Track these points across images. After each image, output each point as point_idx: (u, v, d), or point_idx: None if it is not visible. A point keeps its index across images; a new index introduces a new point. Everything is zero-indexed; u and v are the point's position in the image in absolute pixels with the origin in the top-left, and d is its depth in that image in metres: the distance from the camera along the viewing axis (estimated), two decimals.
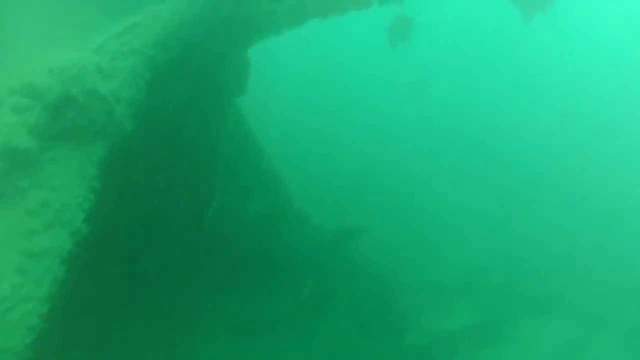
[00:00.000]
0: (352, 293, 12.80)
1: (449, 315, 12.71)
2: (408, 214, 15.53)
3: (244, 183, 13.49)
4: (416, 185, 16.70)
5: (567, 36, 25.23)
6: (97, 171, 6.49)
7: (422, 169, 17.10)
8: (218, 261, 11.60)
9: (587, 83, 22.09)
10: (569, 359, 11.30)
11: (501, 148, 18.66)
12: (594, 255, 15.50)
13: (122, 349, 8.14)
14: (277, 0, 8.35)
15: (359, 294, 12.85)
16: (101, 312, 7.49)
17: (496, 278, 14.33)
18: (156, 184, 8.33)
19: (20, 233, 5.32)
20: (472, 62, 21.37)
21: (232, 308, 11.03)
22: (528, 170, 18.37)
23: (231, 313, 10.95)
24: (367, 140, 17.28)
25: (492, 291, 13.87)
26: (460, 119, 19.69)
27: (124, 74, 7.11)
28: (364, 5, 7.34)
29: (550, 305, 13.45)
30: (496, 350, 11.34)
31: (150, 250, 8.75)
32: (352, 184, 16.01)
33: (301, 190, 13.77)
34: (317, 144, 16.28)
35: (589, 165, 19.41)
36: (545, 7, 12.82)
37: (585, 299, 13.43)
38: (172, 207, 9.23)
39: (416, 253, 14.73)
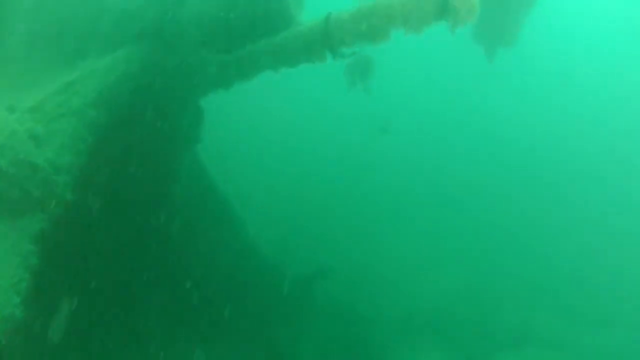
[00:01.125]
0: (321, 333, 12.65)
1: (420, 352, 12.57)
2: (377, 252, 15.20)
3: (204, 233, 12.96)
4: (385, 222, 16.44)
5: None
6: (34, 247, 5.87)
7: (391, 205, 16.85)
8: (184, 311, 11.09)
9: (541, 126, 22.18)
10: None
11: (468, 181, 18.52)
12: (568, 286, 15.58)
13: None
14: (226, 52, 7.89)
15: (328, 333, 12.69)
16: None
17: (468, 312, 14.25)
18: (104, 257, 7.74)
19: None
20: (434, 100, 21.30)
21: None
22: (496, 202, 18.21)
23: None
24: (329, 182, 16.99)
25: (464, 325, 13.78)
26: (424, 156, 19.54)
27: (62, 138, 6.55)
28: (317, 59, 6.91)
29: (523, 338, 13.43)
30: None
31: (98, 336, 8.14)
32: (317, 225, 15.65)
33: (266, 234, 13.31)
34: (277, 189, 15.95)
35: (555, 198, 19.09)
36: (508, 43, 12.66)
37: (560, 329, 13.33)
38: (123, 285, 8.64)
39: (386, 290, 14.45)
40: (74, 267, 7.45)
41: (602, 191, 20.88)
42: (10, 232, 5.96)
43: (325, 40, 6.71)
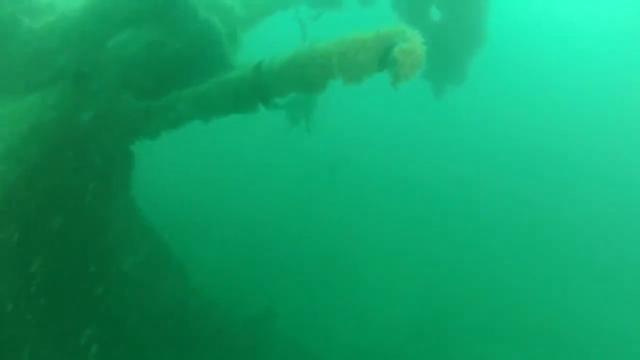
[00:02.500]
0: None
1: None
2: (329, 284, 14.59)
3: (142, 278, 12.06)
4: (336, 253, 15.87)
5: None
6: None
7: (337, 246, 16.26)
8: None
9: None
10: None
11: (414, 220, 18.16)
12: (527, 309, 15.59)
13: None
14: (152, 97, 7.13)
15: None
16: None
17: (425, 339, 14.04)
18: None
19: None
20: (383, 138, 20.88)
21: None
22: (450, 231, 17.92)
23: None
24: (275, 224, 16.35)
25: (420, 353, 13.56)
26: (373, 195, 19.08)
27: None
28: (248, 109, 6.20)
29: None
30: None
31: None
32: (263, 267, 14.97)
33: (205, 277, 12.54)
34: (215, 231, 15.20)
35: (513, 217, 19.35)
36: (456, 81, 12.28)
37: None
38: None
39: (338, 320, 14.13)
40: None
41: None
42: None
43: (256, 91, 5.97)
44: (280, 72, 5.91)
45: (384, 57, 5.21)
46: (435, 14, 12.08)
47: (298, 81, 5.81)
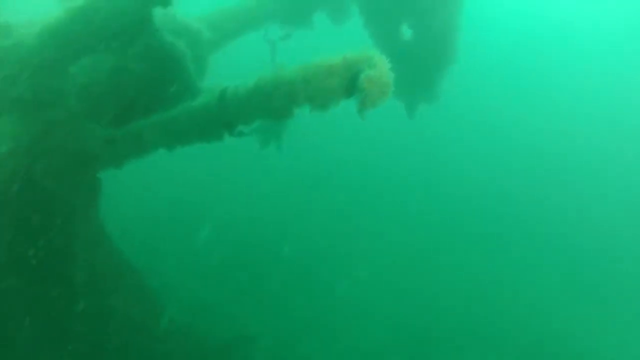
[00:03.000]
0: None
1: None
2: (307, 304, 14.39)
3: (115, 306, 11.72)
4: (314, 272, 15.66)
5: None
6: None
7: (311, 268, 16.04)
8: None
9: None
10: None
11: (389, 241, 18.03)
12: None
13: None
14: (115, 127, 6.88)
15: None
16: None
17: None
18: None
19: None
20: (356, 157, 20.74)
21: None
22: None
23: None
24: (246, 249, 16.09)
25: None
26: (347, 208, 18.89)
27: None
28: (213, 138, 5.98)
29: None
30: None
31: None
32: (242, 281, 14.74)
33: (180, 301, 12.26)
34: (189, 253, 14.91)
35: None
36: (429, 99, 12.20)
37: None
38: None
39: (315, 341, 13.84)
40: None
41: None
42: None
43: (221, 119, 5.76)
44: (245, 100, 5.70)
45: (350, 84, 5.02)
46: (406, 32, 12.00)
47: (263, 109, 5.63)
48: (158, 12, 7.84)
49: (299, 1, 12.04)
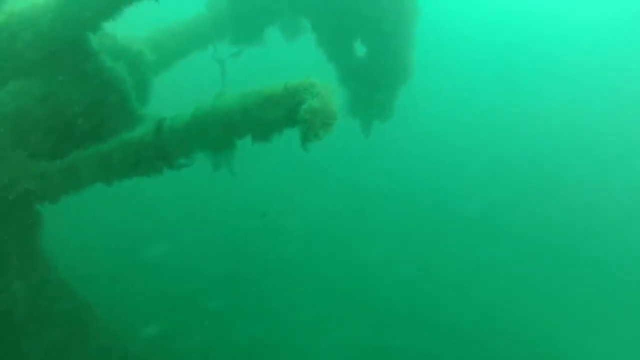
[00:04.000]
0: None
1: None
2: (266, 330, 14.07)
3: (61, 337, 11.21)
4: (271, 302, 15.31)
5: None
6: None
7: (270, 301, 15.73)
8: None
9: None
10: None
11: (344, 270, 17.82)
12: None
13: None
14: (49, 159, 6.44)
15: None
16: None
17: None
18: None
19: None
20: (311, 179, 20.41)
21: None
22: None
23: None
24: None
25: None
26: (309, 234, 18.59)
27: None
28: (151, 171, 5.59)
29: None
30: None
31: None
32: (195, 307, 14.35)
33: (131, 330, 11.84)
34: (141, 282, 14.45)
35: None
36: (383, 116, 11.98)
37: None
38: None
39: None
40: None
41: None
42: None
43: (158, 152, 5.37)
44: (182, 132, 5.33)
45: (293, 114, 4.69)
46: (360, 49, 11.77)
47: (202, 141, 5.25)
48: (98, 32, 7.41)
49: (249, 17, 11.69)
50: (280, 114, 4.88)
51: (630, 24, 32.80)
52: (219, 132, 5.18)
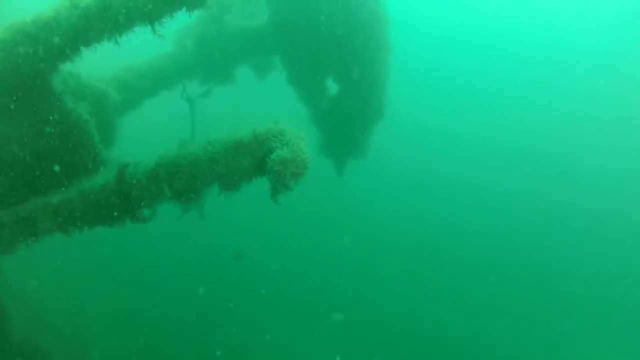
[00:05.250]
0: None
1: None
2: None
3: None
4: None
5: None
6: None
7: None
8: None
9: None
10: None
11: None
12: None
13: None
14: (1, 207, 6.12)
15: None
16: None
17: None
18: None
19: None
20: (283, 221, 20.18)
21: None
22: None
23: None
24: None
25: None
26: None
27: None
28: (113, 222, 5.31)
29: None
30: None
31: None
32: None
33: None
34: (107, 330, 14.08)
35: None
36: (357, 155, 11.84)
37: None
38: None
39: None
40: None
41: None
42: None
43: (120, 202, 5.10)
44: (146, 181, 5.08)
45: (261, 162, 4.50)
46: (332, 87, 11.68)
47: (166, 191, 5.00)
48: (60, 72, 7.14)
49: (218, 55, 11.54)
50: (249, 163, 4.68)
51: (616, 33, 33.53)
52: (184, 181, 4.95)
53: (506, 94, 33.78)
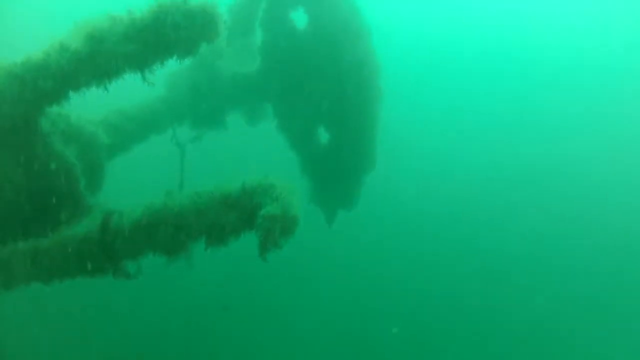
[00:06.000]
0: None
1: None
2: None
3: None
4: None
5: None
6: None
7: None
8: None
9: None
10: None
11: None
12: None
13: None
14: None
15: None
16: None
17: None
18: None
19: None
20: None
21: None
22: None
23: None
24: None
25: None
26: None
27: None
28: (95, 273, 5.14)
29: None
30: None
31: None
32: None
33: None
34: None
35: None
36: (348, 205, 11.76)
37: None
38: None
39: None
40: None
41: None
42: None
43: (103, 252, 4.95)
44: (131, 232, 4.94)
45: (250, 217, 4.39)
46: (323, 136, 11.66)
47: (151, 243, 4.87)
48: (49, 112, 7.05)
49: (209, 100, 11.52)
50: (237, 218, 4.57)
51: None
52: (169, 233, 4.83)
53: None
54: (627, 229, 25.02)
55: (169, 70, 11.10)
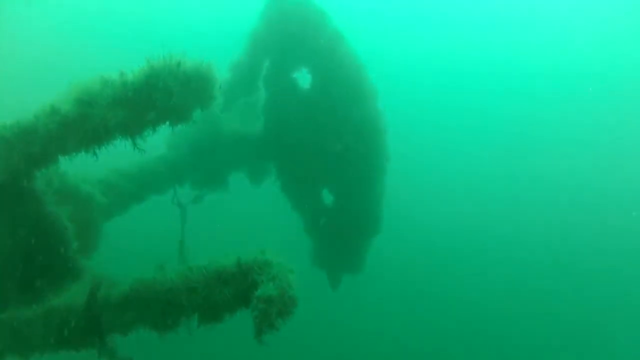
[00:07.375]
0: None
1: None
2: None
3: None
4: None
5: None
6: None
7: None
8: None
9: None
10: None
11: None
12: None
13: None
14: None
15: None
16: None
17: None
18: None
19: None
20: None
21: None
22: None
23: None
24: None
25: None
26: None
27: None
28: (82, 346, 4.83)
29: None
30: None
31: None
32: None
33: None
34: None
35: None
36: (352, 269, 11.43)
37: None
38: None
39: None
40: None
41: None
42: None
43: (89, 326, 4.65)
44: (119, 306, 4.65)
45: (245, 296, 4.10)
46: (327, 198, 11.41)
47: (141, 318, 4.56)
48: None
49: (211, 161, 11.35)
50: (231, 295, 4.29)
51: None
52: (160, 310, 4.53)
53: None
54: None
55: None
